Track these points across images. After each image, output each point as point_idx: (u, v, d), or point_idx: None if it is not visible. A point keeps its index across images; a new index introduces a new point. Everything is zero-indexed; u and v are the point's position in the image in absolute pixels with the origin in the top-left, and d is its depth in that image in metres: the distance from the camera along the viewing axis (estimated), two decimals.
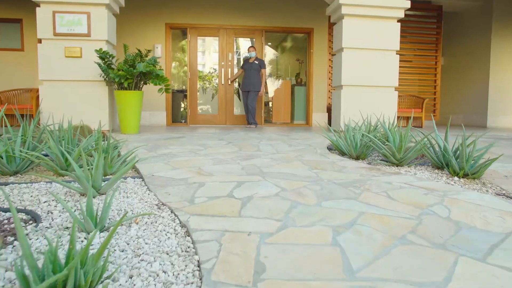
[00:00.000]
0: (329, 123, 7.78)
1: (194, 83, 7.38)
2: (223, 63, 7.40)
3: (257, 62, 6.68)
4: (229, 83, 7.30)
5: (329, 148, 3.96)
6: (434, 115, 8.50)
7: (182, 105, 8.08)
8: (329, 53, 7.73)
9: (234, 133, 4.97)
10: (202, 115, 7.47)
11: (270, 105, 8.68)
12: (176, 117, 7.97)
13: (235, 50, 7.42)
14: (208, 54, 8.09)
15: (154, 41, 7.21)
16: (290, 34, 9.42)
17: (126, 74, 4.44)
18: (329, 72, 7.76)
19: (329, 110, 7.82)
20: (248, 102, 6.67)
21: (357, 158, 3.30)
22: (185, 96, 7.84)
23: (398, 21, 5.44)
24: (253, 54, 6.70)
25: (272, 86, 7.81)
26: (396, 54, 5.43)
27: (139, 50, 4.73)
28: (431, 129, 6.79)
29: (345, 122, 5.30)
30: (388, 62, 5.38)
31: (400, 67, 7.48)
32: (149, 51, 4.79)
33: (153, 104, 7.21)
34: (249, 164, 2.82)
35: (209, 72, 7.94)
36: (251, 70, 6.68)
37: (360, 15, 5.24)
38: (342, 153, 3.53)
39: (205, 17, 7.30)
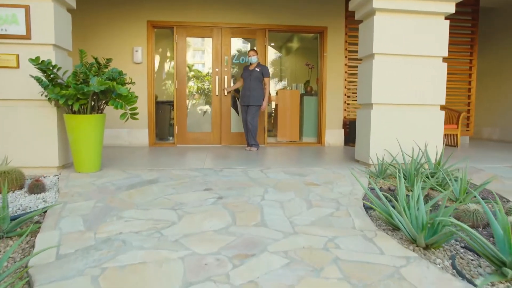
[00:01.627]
0: (346, 141, 6.47)
1: (182, 94, 6.07)
2: (217, 69, 6.08)
3: (258, 70, 5.37)
4: (225, 94, 5.98)
5: (367, 208, 2.67)
6: (467, 130, 7.19)
7: (170, 119, 6.77)
8: (346, 57, 6.41)
9: (229, 170, 3.66)
10: (192, 133, 6.16)
11: (275, 118, 7.36)
12: (163, 134, 6.66)
13: (232, 54, 6.11)
14: (199, 59, 6.78)
15: (132, 43, 5.89)
16: (298, 34, 8.10)
17: (76, 93, 3.14)
18: (345, 79, 6.44)
19: (345, 125, 6.51)
20: (248, 119, 5.36)
21: (426, 247, 2.00)
22: (173, 108, 6.54)
23: (446, 18, 4.12)
24: (254, 59, 5.39)
25: (276, 95, 6.48)
26: (443, 62, 4.12)
27: (95, 59, 3.43)
28: (468, 148, 5.42)
29: (376, 153, 4.00)
30: (432, 73, 4.07)
31: None
32: (108, 60, 3.48)
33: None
34: (248, 281, 1.53)
35: (201, 81, 6.61)
36: (251, 79, 5.37)
37: (398, 9, 3.92)
38: (393, 226, 2.25)
39: (195, 13, 5.98)
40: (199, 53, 7.03)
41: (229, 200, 2.72)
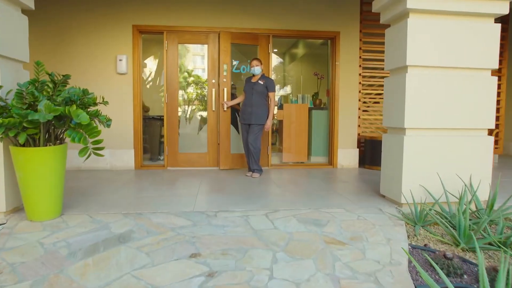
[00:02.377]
0: (361, 162, 5.66)
1: (174, 109, 5.26)
2: (214, 80, 5.28)
3: (262, 83, 4.57)
4: (224, 109, 5.18)
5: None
6: (496, 147, 6.37)
7: (161, 136, 5.96)
8: (360, 66, 5.61)
9: (225, 215, 2.85)
10: (185, 154, 5.35)
11: (279, 134, 6.55)
12: (153, 153, 5.85)
13: (232, 63, 5.32)
14: (193, 68, 5.98)
15: (116, 51, 5.10)
16: (306, 39, 7.30)
17: (20, 120, 2.34)
18: (360, 91, 5.64)
19: (360, 144, 5.71)
20: (249, 139, 4.56)
21: None
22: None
23: (496, 21, 3.33)
24: (257, 70, 4.60)
25: (281, 110, 5.68)
26: (492, 75, 3.32)
27: (49, 75, 2.63)
28: (503, 169, 4.61)
29: (410, 190, 3.18)
30: (480, 89, 3.26)
31: None
32: (66, 76, 2.68)
33: (115, 138, 5.10)
34: None
35: (195, 94, 5.82)
36: (254, 93, 4.57)
37: (438, 11, 3.13)
38: None
39: (188, 16, 5.20)
40: (194, 63, 6.24)
41: (223, 281, 1.90)
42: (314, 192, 3.75)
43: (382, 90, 5.53)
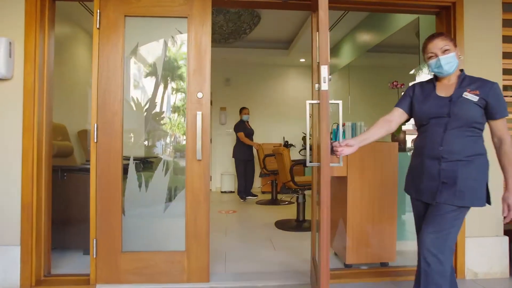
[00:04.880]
0: None
1: (112, 154, 2.40)
2: (200, 95, 2.44)
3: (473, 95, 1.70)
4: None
5: None
6: None
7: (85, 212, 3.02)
8: (504, 64, 2.74)
9: None
10: (135, 256, 2.41)
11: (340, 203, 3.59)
12: (70, 239, 2.94)
13: None
14: (151, 67, 3.13)
15: None
16: (389, 13, 4.51)
17: None
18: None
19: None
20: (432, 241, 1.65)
21: None
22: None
23: None
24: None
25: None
26: None
27: None
28: None
29: None
30: None
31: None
32: None
33: None
34: None
35: (164, 122, 2.89)
36: (450, 121, 1.70)
37: None
38: None
39: None
40: (159, 56, 3.41)
41: None
42: None
43: None
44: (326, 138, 1.65)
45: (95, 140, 2.38)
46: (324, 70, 1.66)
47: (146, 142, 2.55)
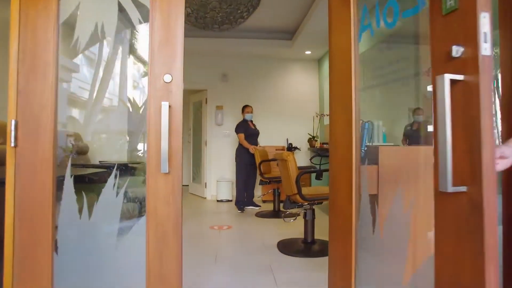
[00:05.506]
0: None
1: (44, 163, 1.64)
2: (168, 78, 1.69)
3: None
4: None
5: None
6: None
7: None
8: None
9: None
10: None
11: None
12: None
13: None
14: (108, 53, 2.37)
15: None
16: None
17: None
18: None
19: None
20: None
21: None
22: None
23: None
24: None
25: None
26: None
27: None
28: None
29: None
30: None
31: None
32: None
33: None
34: None
35: (112, 109, 2.10)
36: None
37: None
38: None
39: None
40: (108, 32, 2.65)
41: None
42: None
43: None
44: (491, 143, 0.90)
45: (13, 144, 1.63)
46: (485, 20, 0.92)
47: (90, 147, 1.79)
